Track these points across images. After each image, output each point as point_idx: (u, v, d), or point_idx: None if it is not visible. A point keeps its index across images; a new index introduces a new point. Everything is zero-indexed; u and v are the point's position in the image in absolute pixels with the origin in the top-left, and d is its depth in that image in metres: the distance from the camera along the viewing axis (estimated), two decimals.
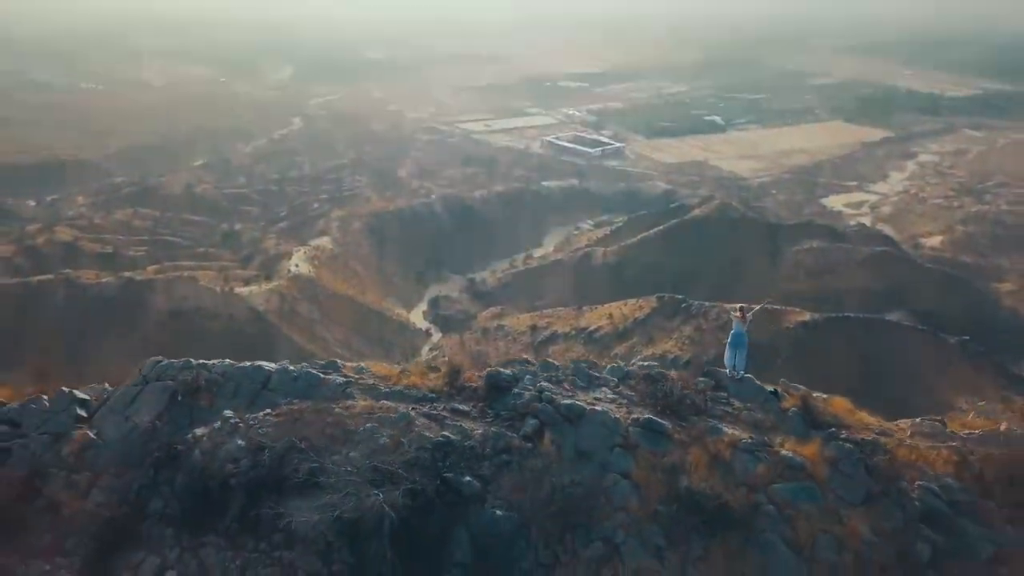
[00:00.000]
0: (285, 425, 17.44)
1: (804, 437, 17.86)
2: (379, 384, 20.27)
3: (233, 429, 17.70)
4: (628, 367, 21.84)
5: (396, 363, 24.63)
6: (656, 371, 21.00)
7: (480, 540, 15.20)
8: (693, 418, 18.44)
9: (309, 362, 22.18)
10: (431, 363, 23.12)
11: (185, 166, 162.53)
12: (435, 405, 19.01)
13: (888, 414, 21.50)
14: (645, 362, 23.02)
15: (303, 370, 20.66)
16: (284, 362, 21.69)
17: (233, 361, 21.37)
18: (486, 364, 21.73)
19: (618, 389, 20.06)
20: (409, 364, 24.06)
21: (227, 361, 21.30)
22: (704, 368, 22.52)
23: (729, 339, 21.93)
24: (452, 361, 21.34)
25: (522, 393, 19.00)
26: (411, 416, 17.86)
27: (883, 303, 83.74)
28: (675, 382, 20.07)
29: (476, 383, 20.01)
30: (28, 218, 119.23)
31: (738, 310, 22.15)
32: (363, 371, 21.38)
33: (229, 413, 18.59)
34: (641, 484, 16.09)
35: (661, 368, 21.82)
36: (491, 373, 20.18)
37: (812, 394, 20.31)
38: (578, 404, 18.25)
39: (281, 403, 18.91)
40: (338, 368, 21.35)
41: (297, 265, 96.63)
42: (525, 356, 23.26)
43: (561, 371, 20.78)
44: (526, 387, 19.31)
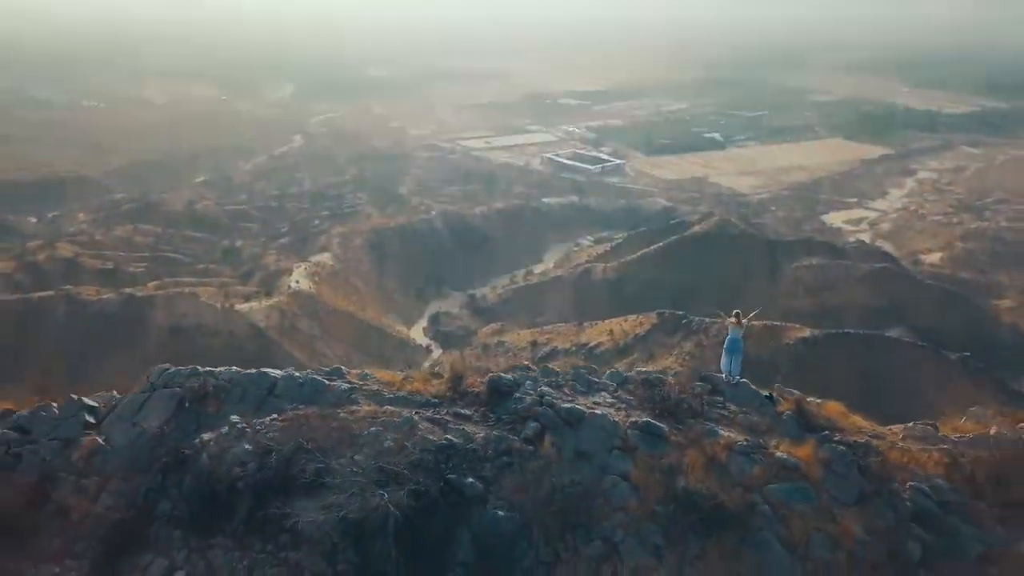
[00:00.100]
0: (291, 429, 17.72)
1: (798, 439, 18.24)
2: (383, 390, 20.56)
3: (240, 434, 17.95)
4: (627, 373, 22.20)
5: (399, 370, 24.86)
6: (654, 376, 21.41)
7: (482, 540, 15.47)
8: (690, 421, 18.81)
9: (314, 369, 22.50)
10: (434, 370, 23.40)
11: (186, 183, 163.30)
12: (438, 410, 19.31)
13: None
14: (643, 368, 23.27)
15: (308, 377, 20.95)
16: (289, 369, 22.03)
17: (239, 368, 21.66)
18: (488, 370, 21.87)
19: (617, 394, 20.43)
20: (412, 371, 24.29)
21: (233, 368, 21.58)
22: (701, 373, 22.90)
23: (725, 344, 22.18)
24: (455, 367, 21.56)
25: (523, 398, 19.33)
26: (414, 420, 18.15)
27: (883, 319, 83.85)
28: (672, 387, 20.48)
29: (478, 388, 20.34)
30: (29, 234, 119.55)
31: (733, 316, 22.42)
32: (367, 377, 21.65)
33: (236, 418, 18.80)
34: (639, 485, 16.41)
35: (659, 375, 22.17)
36: (493, 378, 20.49)
37: (806, 398, 20.73)
38: (578, 408, 18.62)
39: (287, 409, 19.16)
40: (342, 375, 21.62)
41: (297, 281, 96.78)
42: (526, 363, 23.49)
43: (561, 376, 21.13)
44: (527, 392, 19.65)
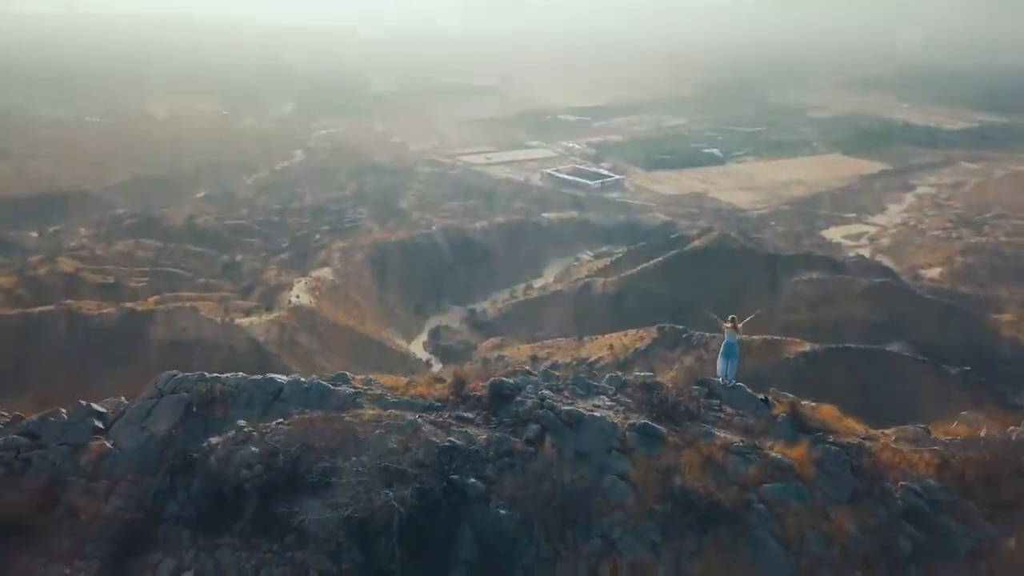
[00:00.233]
0: (297, 432, 18.03)
1: (793, 441, 18.65)
2: (387, 394, 20.96)
3: (247, 437, 18.29)
4: (625, 377, 22.61)
5: (402, 375, 25.22)
6: (652, 380, 21.86)
7: (484, 537, 15.80)
8: (687, 423, 19.25)
9: (319, 375, 22.79)
10: (437, 375, 23.84)
11: (187, 198, 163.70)
12: (441, 413, 19.73)
13: None
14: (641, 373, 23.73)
15: (314, 382, 21.35)
16: (295, 374, 22.33)
17: (246, 374, 21.98)
18: (489, 375, 22.34)
19: (616, 397, 20.84)
20: (415, 376, 24.70)
21: (240, 374, 21.93)
22: (698, 377, 23.49)
23: (721, 349, 22.60)
24: (457, 372, 21.93)
25: (524, 401, 19.74)
26: (418, 423, 18.53)
27: (883, 334, 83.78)
28: (670, 390, 20.97)
29: (480, 392, 20.75)
30: (30, 249, 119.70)
31: (729, 321, 22.76)
32: (371, 383, 22.09)
33: (242, 422, 19.13)
34: (637, 484, 16.80)
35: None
36: (495, 382, 20.93)
37: (800, 402, 21.21)
38: (578, 410, 19.03)
39: (292, 413, 19.48)
40: (347, 380, 22.03)
41: (298, 296, 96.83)
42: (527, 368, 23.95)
43: (561, 380, 21.60)
44: (528, 395, 20.04)
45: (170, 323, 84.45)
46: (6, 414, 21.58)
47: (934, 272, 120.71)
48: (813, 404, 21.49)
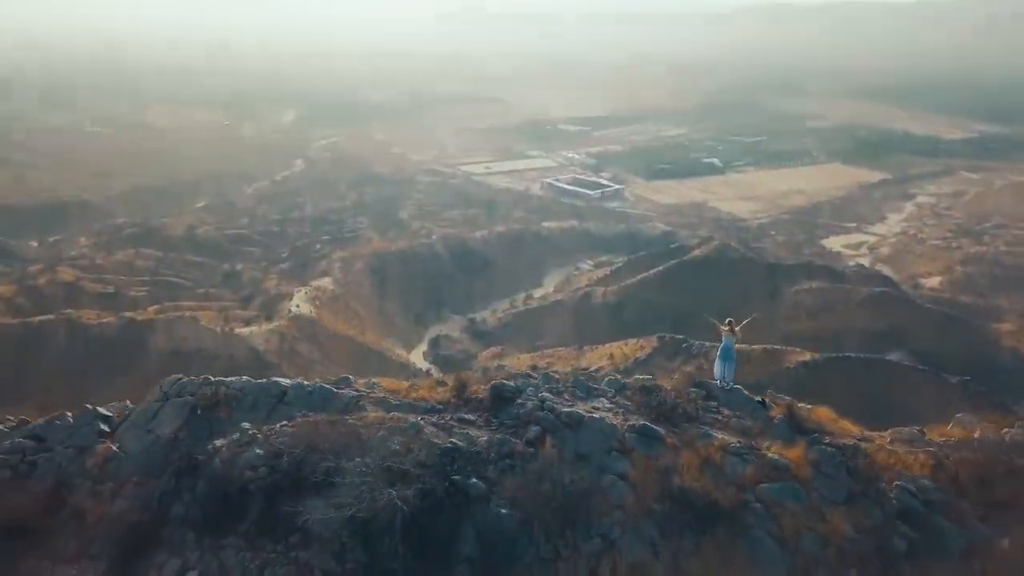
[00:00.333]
0: (301, 434, 18.23)
1: (789, 442, 18.93)
2: (389, 397, 21.22)
3: (251, 439, 18.49)
4: (624, 380, 22.96)
5: (405, 379, 25.57)
6: (650, 383, 22.19)
7: (486, 536, 16.02)
8: (685, 425, 19.56)
9: (322, 378, 23.03)
10: (439, 379, 24.17)
11: (188, 208, 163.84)
12: (443, 415, 19.98)
13: None
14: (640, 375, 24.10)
15: (317, 385, 21.65)
16: (299, 378, 22.72)
17: (250, 378, 22.24)
18: (491, 378, 22.81)
19: (615, 399, 21.16)
20: (418, 379, 25.01)
21: (244, 377, 22.26)
22: (696, 380, 23.68)
23: (719, 352, 22.87)
24: (459, 375, 22.19)
25: (525, 403, 20.02)
26: (420, 425, 18.77)
27: (883, 343, 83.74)
28: (668, 392, 21.27)
29: (481, 395, 21.02)
30: (30, 259, 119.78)
31: (726, 324, 22.91)
32: (374, 386, 22.40)
33: (247, 425, 19.31)
34: (637, 484, 17.03)
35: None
36: (496, 385, 21.21)
37: (797, 403, 21.58)
38: (577, 412, 19.30)
39: (296, 416, 19.70)
40: (350, 383, 22.39)
41: (298, 305, 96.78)
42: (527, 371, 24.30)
43: (561, 383, 21.96)
44: (529, 398, 20.33)
45: (170, 332, 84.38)
46: (12, 418, 21.83)
47: (934, 281, 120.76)
48: (809, 406, 21.81)
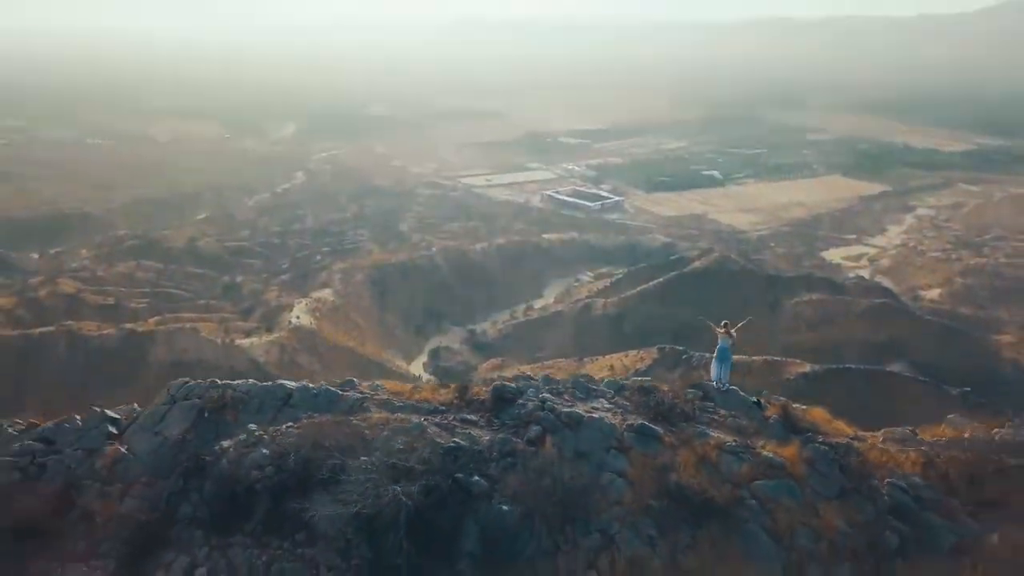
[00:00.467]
0: (306, 435, 18.54)
1: (784, 441, 19.27)
2: (393, 399, 21.68)
3: (257, 440, 18.79)
4: (623, 380, 23.52)
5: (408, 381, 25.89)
6: (648, 384, 22.74)
7: (488, 532, 16.37)
8: (682, 424, 19.92)
9: (327, 381, 23.42)
10: (441, 381, 24.48)
11: (189, 220, 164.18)
12: (446, 416, 20.37)
13: None
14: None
15: (322, 388, 22.23)
16: (304, 381, 23.07)
17: (256, 381, 22.59)
18: (492, 380, 23.04)
19: (614, 400, 21.57)
20: (421, 382, 25.40)
21: (250, 381, 22.62)
22: (693, 382, 24.40)
23: (715, 353, 23.46)
24: (462, 377, 22.57)
25: (526, 404, 20.39)
26: (424, 425, 19.14)
27: (883, 355, 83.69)
28: (666, 393, 21.80)
29: (483, 396, 21.42)
30: (31, 271, 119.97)
31: (722, 326, 23.53)
32: (378, 388, 23.05)
33: (253, 426, 19.57)
34: (635, 481, 17.40)
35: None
36: (497, 386, 21.63)
37: (791, 404, 22.07)
38: (577, 412, 19.67)
39: (302, 417, 20.06)
40: (354, 386, 23.01)
41: (298, 317, 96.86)
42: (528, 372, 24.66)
43: (561, 384, 22.39)
44: (529, 398, 20.71)
45: (170, 344, 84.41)
46: (20, 421, 22.00)
47: (934, 293, 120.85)
48: (804, 407, 22.20)
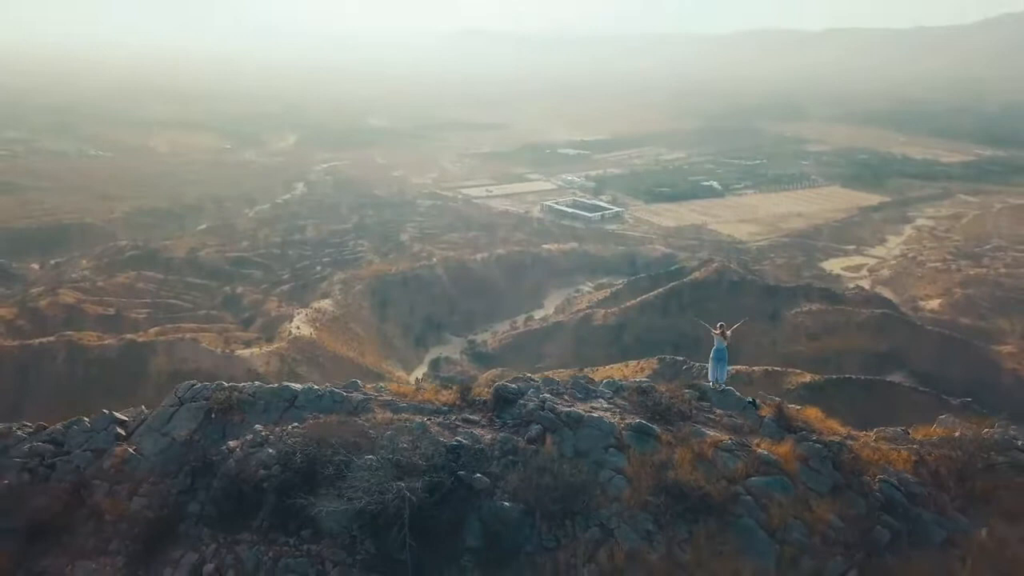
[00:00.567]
0: (312, 435, 18.91)
1: (778, 439, 19.66)
2: (396, 400, 22.05)
3: (264, 440, 19.20)
4: (621, 381, 23.71)
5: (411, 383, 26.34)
6: (646, 384, 23.01)
7: (490, 527, 16.79)
8: (679, 423, 20.35)
9: (332, 383, 23.82)
10: (443, 383, 24.83)
11: (189, 230, 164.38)
12: (448, 416, 20.85)
13: None
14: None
15: (327, 389, 22.41)
16: (309, 383, 23.41)
17: (262, 383, 22.96)
18: (493, 381, 23.54)
19: (612, 400, 22.00)
20: (424, 383, 25.88)
21: (256, 383, 22.99)
22: (689, 382, 24.75)
23: (712, 354, 23.78)
24: (463, 379, 22.93)
25: (526, 404, 20.77)
26: (427, 425, 19.67)
27: (883, 365, 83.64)
28: (663, 393, 22.15)
29: (485, 396, 21.85)
30: (32, 281, 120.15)
31: (718, 328, 23.86)
32: (381, 389, 23.35)
33: (259, 426, 19.97)
34: (633, 478, 17.81)
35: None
36: (498, 387, 22.05)
37: (786, 404, 22.41)
38: (577, 412, 20.13)
39: (307, 418, 20.44)
40: (358, 387, 23.15)
41: (298, 327, 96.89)
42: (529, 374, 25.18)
43: (561, 385, 22.76)
44: (530, 399, 21.09)
45: (170, 354, 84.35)
46: (30, 424, 22.20)
47: (934, 303, 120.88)
48: (798, 407, 22.55)
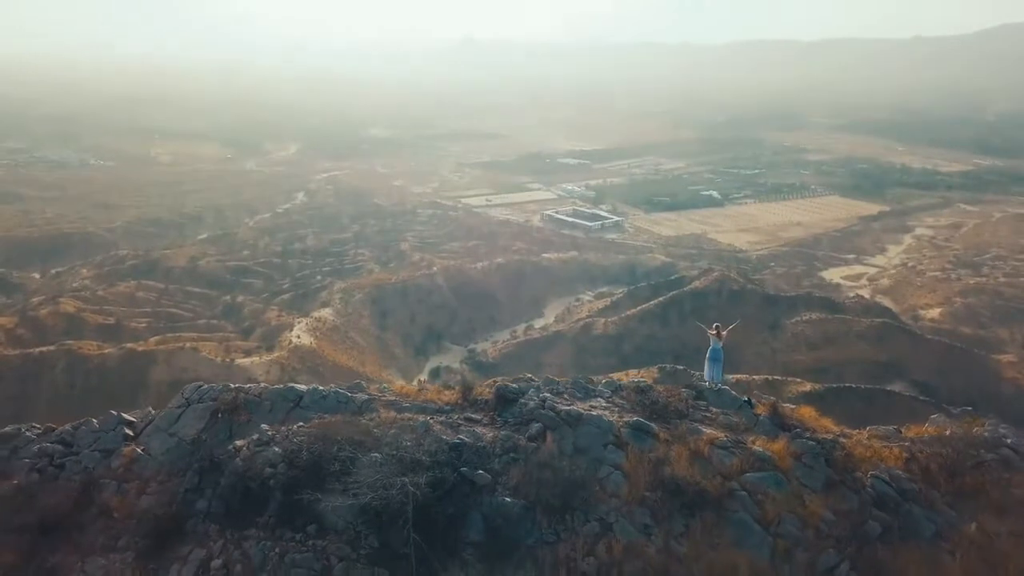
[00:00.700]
0: (317, 434, 19.50)
1: (773, 436, 20.22)
2: (400, 400, 22.83)
3: (270, 439, 19.70)
4: (620, 381, 24.45)
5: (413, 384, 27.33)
6: (644, 384, 23.77)
7: (492, 522, 17.26)
8: (676, 421, 20.99)
9: (336, 384, 24.60)
10: (445, 383, 25.36)
11: (190, 239, 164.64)
12: (450, 415, 21.49)
13: None
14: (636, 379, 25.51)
15: (332, 390, 23.20)
16: (314, 384, 24.20)
17: (267, 384, 23.73)
18: (495, 381, 24.14)
19: (611, 399, 22.65)
20: (427, 384, 26.77)
21: (262, 384, 23.83)
22: (686, 382, 25.44)
23: (708, 354, 24.58)
24: (465, 379, 23.53)
25: (527, 403, 21.40)
26: (430, 424, 20.26)
27: (883, 374, 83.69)
28: (661, 392, 22.88)
29: (486, 396, 22.61)
30: (32, 290, 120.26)
31: (714, 328, 24.62)
32: (385, 390, 24.24)
33: (265, 426, 20.48)
34: (631, 474, 18.34)
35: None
36: (500, 386, 22.78)
37: (781, 403, 23.08)
38: (576, 410, 20.75)
39: (312, 418, 21.10)
40: (362, 388, 24.05)
41: (298, 336, 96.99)
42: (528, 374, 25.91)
43: (561, 384, 23.40)
44: (531, 398, 21.73)
45: (170, 363, 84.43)
46: (38, 426, 22.53)
47: (934, 313, 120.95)
48: (792, 406, 23.21)
